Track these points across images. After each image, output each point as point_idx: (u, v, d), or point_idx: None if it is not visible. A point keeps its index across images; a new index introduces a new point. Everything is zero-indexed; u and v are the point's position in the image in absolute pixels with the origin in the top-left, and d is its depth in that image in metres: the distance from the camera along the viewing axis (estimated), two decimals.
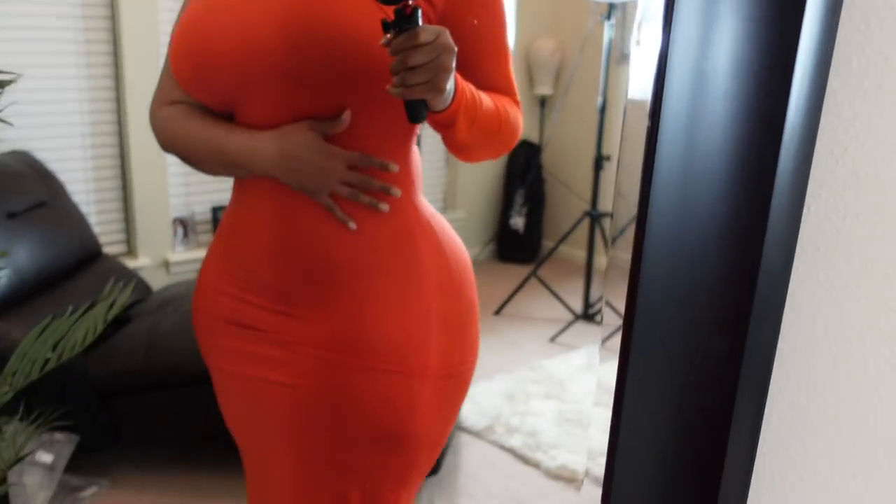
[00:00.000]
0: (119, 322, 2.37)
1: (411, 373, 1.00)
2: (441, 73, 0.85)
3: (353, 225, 0.97)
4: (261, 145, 0.97)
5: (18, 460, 1.34)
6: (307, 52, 0.91)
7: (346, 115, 0.95)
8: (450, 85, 0.88)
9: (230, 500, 2.14)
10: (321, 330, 0.99)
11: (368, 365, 0.99)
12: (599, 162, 3.42)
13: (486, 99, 0.98)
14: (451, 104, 0.92)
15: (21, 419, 1.23)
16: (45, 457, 2.13)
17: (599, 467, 0.60)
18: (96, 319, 1.34)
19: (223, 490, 2.19)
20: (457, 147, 1.02)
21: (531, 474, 2.30)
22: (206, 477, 2.27)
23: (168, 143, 1.07)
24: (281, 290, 1.01)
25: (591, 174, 3.48)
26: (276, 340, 1.02)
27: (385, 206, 0.99)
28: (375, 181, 0.98)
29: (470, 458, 2.38)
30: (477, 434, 2.50)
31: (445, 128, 0.96)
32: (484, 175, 4.29)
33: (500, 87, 1.04)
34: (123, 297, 1.38)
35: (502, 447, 2.43)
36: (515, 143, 1.07)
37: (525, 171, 4.18)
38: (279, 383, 1.01)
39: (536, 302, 3.64)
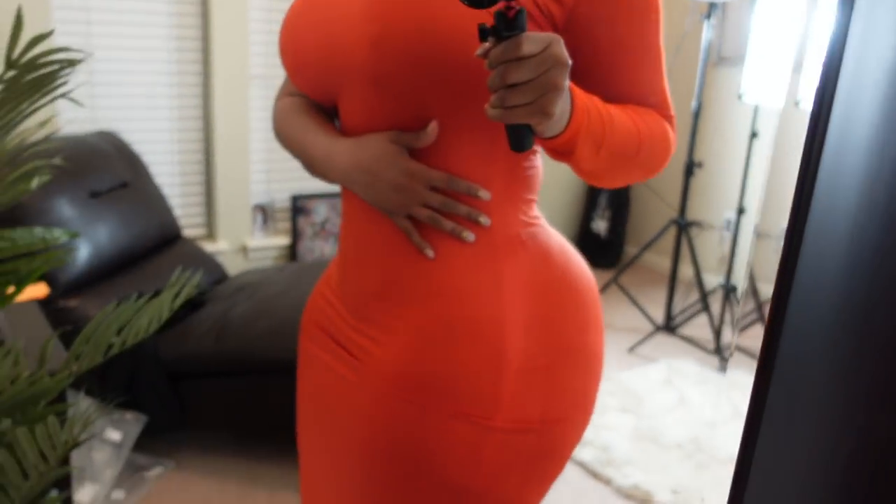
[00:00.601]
0: (193, 305, 2.37)
1: (472, 419, 0.85)
2: (549, 92, 0.68)
3: (430, 253, 0.86)
4: (337, 154, 0.88)
5: (83, 442, 1.32)
6: (388, 50, 0.79)
7: (433, 128, 0.83)
8: (562, 106, 0.72)
9: (289, 493, 2.11)
10: (385, 357, 0.88)
11: (427, 403, 0.86)
12: (690, 168, 3.26)
13: (619, 116, 0.82)
14: (565, 129, 0.76)
15: (89, 394, 1.21)
16: (114, 435, 2.14)
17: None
18: (162, 307, 1.31)
19: (282, 482, 2.16)
20: (583, 174, 0.86)
21: (601, 491, 2.20)
22: (266, 467, 2.24)
23: (277, 135, 1.01)
24: (355, 302, 0.92)
25: (680, 180, 3.33)
26: (349, 359, 0.92)
27: (470, 236, 0.86)
28: (462, 206, 0.86)
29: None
30: None
31: (561, 155, 0.81)
32: (567, 177, 4.17)
33: (647, 99, 0.87)
34: (190, 287, 1.35)
35: (572, 460, 2.33)
36: (664, 164, 0.90)
37: None
38: (346, 406, 0.92)
39: (616, 310, 3.51)
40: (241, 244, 3.32)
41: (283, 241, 3.43)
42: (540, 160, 0.93)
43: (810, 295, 0.43)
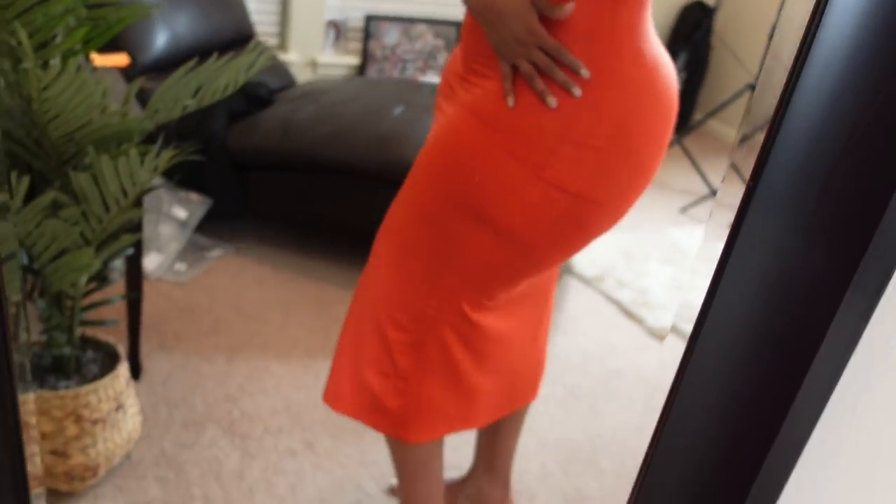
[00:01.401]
0: (262, 103, 2.44)
1: (527, 163, 0.99)
2: None
3: (511, 102, 0.98)
4: None
5: (154, 188, 1.42)
6: None
7: (570, 8, 0.92)
8: None
9: (333, 287, 2.24)
10: (473, 93, 1.02)
11: (494, 138, 1.00)
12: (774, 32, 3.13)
13: None
14: None
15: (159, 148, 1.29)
16: (180, 213, 2.28)
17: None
18: (238, 71, 1.36)
19: (329, 276, 2.30)
20: None
21: (632, 329, 2.28)
22: (316, 261, 2.38)
23: None
24: (466, 58, 1.06)
25: (763, 45, 3.20)
26: (450, 94, 1.08)
27: (553, 101, 0.96)
28: (560, 74, 0.95)
29: (575, 301, 2.38)
30: (587, 281, 2.49)
31: None
32: None
33: None
34: (266, 57, 1.39)
35: (609, 297, 2.41)
36: None
37: (692, 33, 3.90)
38: (433, 128, 1.10)
39: (675, 171, 3.49)
40: (311, 58, 3.34)
41: (353, 60, 3.44)
42: None
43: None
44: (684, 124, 4.02)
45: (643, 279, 2.53)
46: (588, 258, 2.58)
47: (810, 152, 0.47)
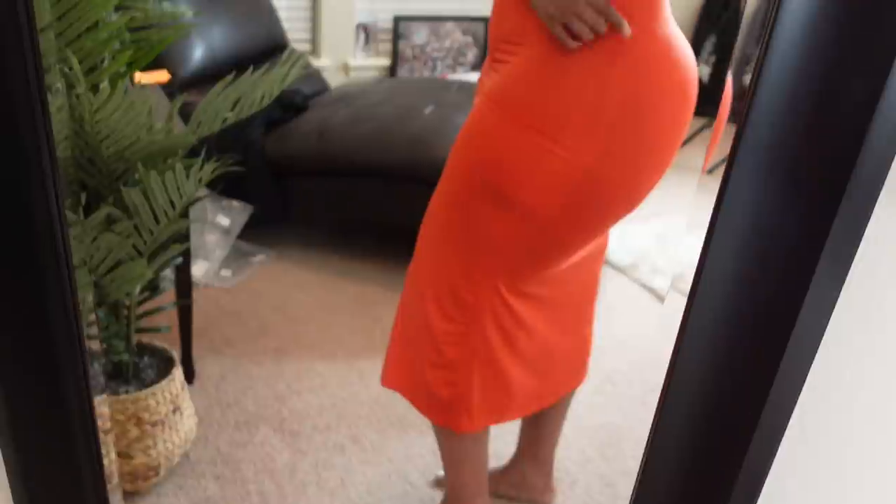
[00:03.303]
0: (297, 109, 2.51)
1: (541, 134, 1.03)
2: None
3: (572, 44, 1.00)
4: None
5: (200, 199, 1.49)
6: None
7: None
8: None
9: (375, 287, 2.30)
10: (493, 79, 1.08)
11: (509, 113, 1.05)
12: None
13: None
14: None
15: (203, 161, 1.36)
16: (223, 220, 2.36)
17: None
18: (273, 82, 1.42)
19: (369, 277, 2.36)
20: None
21: (668, 315, 2.30)
22: (356, 263, 2.44)
23: None
24: (493, 47, 1.11)
25: None
26: (479, 88, 1.13)
27: (627, 29, 0.99)
28: (604, 29, 0.98)
29: (611, 290, 2.41)
30: (621, 270, 2.51)
31: None
32: (674, 14, 4.03)
33: None
34: (300, 67, 1.45)
35: (644, 285, 2.44)
36: None
37: (720, 15, 3.89)
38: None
39: (703, 154, 3.48)
40: (343, 62, 3.41)
41: (384, 61, 3.50)
42: None
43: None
44: (716, 109, 4.01)
45: (677, 265, 2.55)
46: (622, 246, 2.60)
47: (782, 122, 0.51)
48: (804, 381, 0.61)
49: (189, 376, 1.84)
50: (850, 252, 0.54)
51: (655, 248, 2.63)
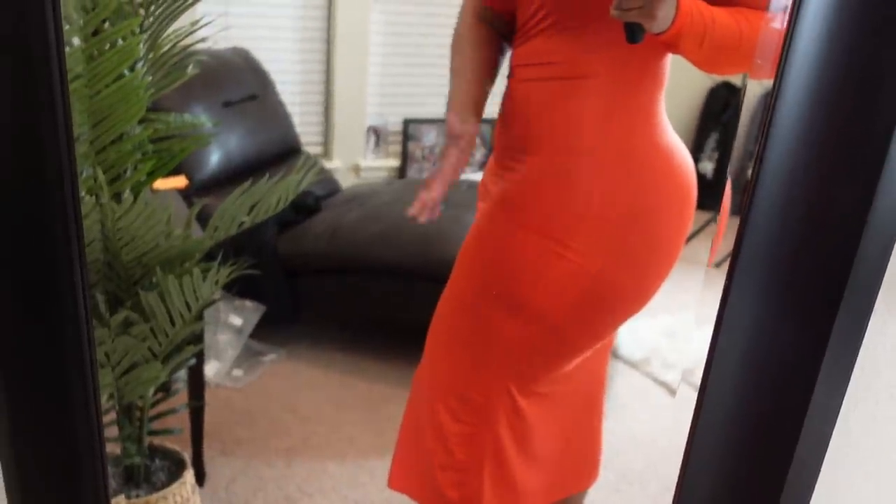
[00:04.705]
0: (310, 211, 2.57)
1: (549, 238, 1.07)
2: (653, 0, 0.91)
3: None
4: None
5: (215, 301, 1.52)
6: None
7: None
8: (666, 11, 0.94)
9: (385, 385, 2.30)
10: (501, 187, 1.13)
11: (516, 218, 1.10)
12: None
13: (721, 16, 0.99)
14: (669, 27, 0.95)
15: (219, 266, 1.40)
16: (236, 320, 2.38)
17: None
18: (288, 187, 1.48)
19: (380, 375, 2.36)
20: (694, 63, 1.04)
21: (682, 410, 2.28)
22: (367, 361, 2.44)
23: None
24: (501, 155, 1.16)
25: None
26: (485, 195, 1.18)
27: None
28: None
29: (623, 386, 2.40)
30: (633, 365, 2.51)
31: (669, 47, 1.02)
32: (677, 113, 4.14)
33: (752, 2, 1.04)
34: (314, 173, 1.51)
35: (656, 380, 2.43)
36: None
37: (721, 113, 4.00)
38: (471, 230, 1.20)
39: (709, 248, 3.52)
40: (354, 163, 3.51)
41: (394, 162, 3.59)
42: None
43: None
44: (719, 201, 4.07)
45: (688, 360, 2.54)
46: (632, 341, 2.60)
47: (776, 233, 0.53)
48: (816, 481, 0.62)
49: (200, 478, 1.82)
50: (851, 358, 0.56)
51: (666, 343, 2.64)
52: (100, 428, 0.67)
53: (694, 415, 0.61)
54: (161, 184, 1.89)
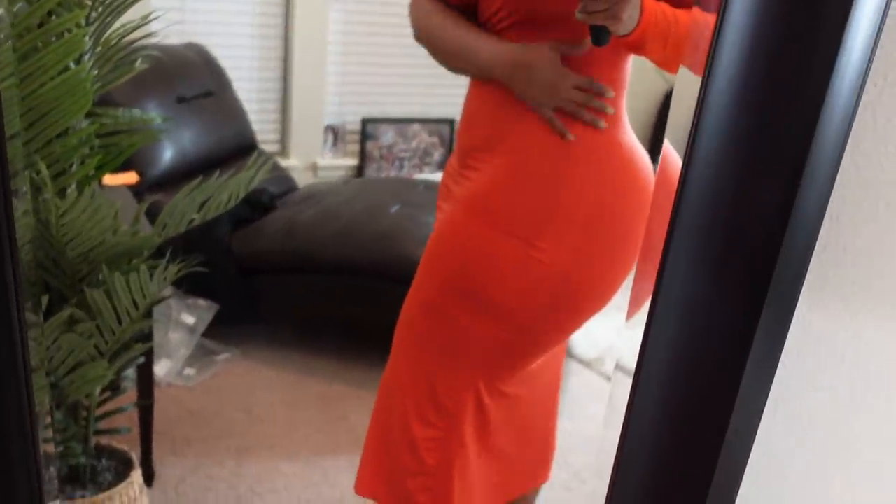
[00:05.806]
0: (265, 209, 2.55)
1: (520, 239, 1.07)
2: (618, 3, 0.92)
3: (570, 137, 1.06)
4: (506, 53, 1.07)
5: (163, 299, 1.50)
6: None
7: (586, 44, 1.03)
8: (630, 12, 0.95)
9: (342, 385, 2.29)
10: (466, 186, 1.12)
11: (486, 220, 1.09)
12: None
13: (684, 18, 1.01)
14: (634, 29, 0.97)
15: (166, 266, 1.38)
16: (188, 319, 2.35)
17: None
18: (240, 184, 1.46)
19: (336, 375, 2.35)
20: (657, 63, 1.06)
21: None
22: (323, 360, 2.43)
23: (421, 33, 1.18)
24: (462, 154, 1.15)
25: None
26: (447, 194, 1.17)
27: (603, 123, 1.06)
28: (596, 101, 1.06)
29: (577, 384, 2.42)
30: (587, 363, 2.53)
31: (635, 49, 1.03)
32: (634, 116, 4.19)
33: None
34: (266, 170, 1.50)
35: (609, 379, 2.45)
36: None
37: None
38: (434, 231, 1.18)
39: None
40: (312, 162, 3.48)
41: (351, 161, 3.58)
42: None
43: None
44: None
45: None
46: (587, 340, 2.63)
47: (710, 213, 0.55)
48: (744, 468, 0.63)
49: (148, 478, 1.80)
50: (777, 348, 0.57)
51: (620, 341, 2.67)
52: (34, 428, 0.65)
53: (628, 403, 0.62)
54: (111, 179, 1.86)
